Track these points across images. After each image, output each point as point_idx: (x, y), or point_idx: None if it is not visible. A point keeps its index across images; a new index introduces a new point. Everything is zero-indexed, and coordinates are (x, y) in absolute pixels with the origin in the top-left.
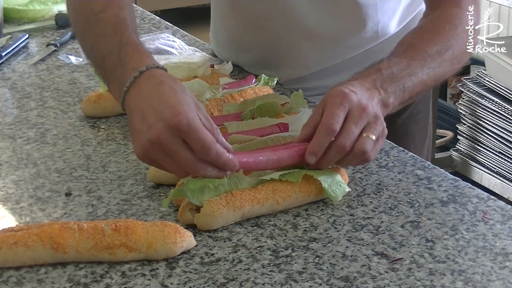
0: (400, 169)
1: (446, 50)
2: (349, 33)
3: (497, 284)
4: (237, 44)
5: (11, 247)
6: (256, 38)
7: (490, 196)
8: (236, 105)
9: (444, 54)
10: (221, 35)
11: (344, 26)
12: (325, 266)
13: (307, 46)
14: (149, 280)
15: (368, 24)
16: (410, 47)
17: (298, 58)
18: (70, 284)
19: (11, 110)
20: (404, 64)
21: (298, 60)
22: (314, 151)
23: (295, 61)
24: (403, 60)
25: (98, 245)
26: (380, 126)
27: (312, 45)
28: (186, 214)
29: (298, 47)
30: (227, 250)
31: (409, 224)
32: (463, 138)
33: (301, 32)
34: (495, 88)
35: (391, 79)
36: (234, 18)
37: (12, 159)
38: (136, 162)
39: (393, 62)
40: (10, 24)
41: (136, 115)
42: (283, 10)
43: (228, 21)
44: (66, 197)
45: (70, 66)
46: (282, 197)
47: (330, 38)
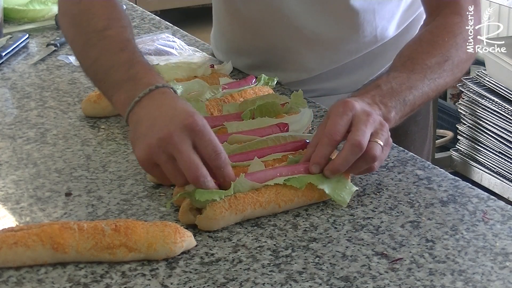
0: (400, 169)
1: (446, 60)
2: (347, 38)
3: (497, 284)
4: (235, 49)
5: (11, 247)
6: (254, 44)
7: (490, 196)
8: (236, 105)
9: (443, 65)
10: (220, 40)
11: (342, 31)
12: (325, 266)
13: (306, 51)
14: (149, 280)
15: (366, 29)
16: (409, 61)
17: (297, 63)
18: (70, 284)
19: (11, 110)
20: (404, 78)
21: (297, 65)
22: (317, 162)
23: (294, 66)
24: (402, 74)
25: (98, 245)
26: (386, 133)
27: (311, 50)
28: (186, 214)
29: (297, 52)
30: (227, 250)
31: (409, 224)
32: (463, 138)
33: (299, 37)
34: (495, 88)
35: (391, 93)
36: (232, 24)
37: (12, 159)
38: (136, 162)
39: (392, 77)
40: (10, 24)
41: (146, 121)
42: (280, 16)
43: (226, 28)
44: (66, 197)
45: (70, 66)
46: (284, 200)
47: (328, 43)
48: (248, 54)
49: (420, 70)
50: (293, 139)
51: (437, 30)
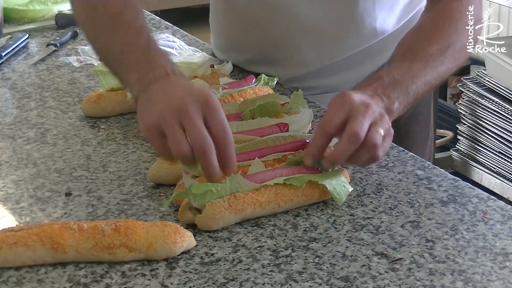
0: (400, 169)
1: (448, 47)
2: (346, 29)
3: (497, 284)
4: (235, 45)
5: (11, 247)
6: (253, 38)
7: (490, 196)
8: (236, 105)
9: (445, 52)
10: (219, 37)
11: (341, 22)
12: (325, 266)
13: (304, 44)
14: (149, 280)
15: (366, 19)
16: (409, 50)
17: (295, 57)
18: (70, 284)
19: (11, 110)
20: (405, 68)
21: (296, 59)
22: (309, 152)
23: (292, 60)
24: (403, 64)
25: (98, 245)
26: (387, 123)
27: (310, 43)
28: (186, 214)
29: (295, 45)
30: (227, 250)
31: (409, 224)
32: (463, 138)
33: (298, 29)
34: (495, 88)
35: (393, 84)
36: (231, 19)
37: (12, 159)
38: (136, 162)
39: (394, 67)
40: (10, 24)
41: (161, 94)
42: (279, 9)
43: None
44: (66, 197)
45: (70, 66)
46: (284, 200)
47: (327, 35)
48: (247, 49)
49: (421, 59)
50: (293, 139)
51: (437, 16)
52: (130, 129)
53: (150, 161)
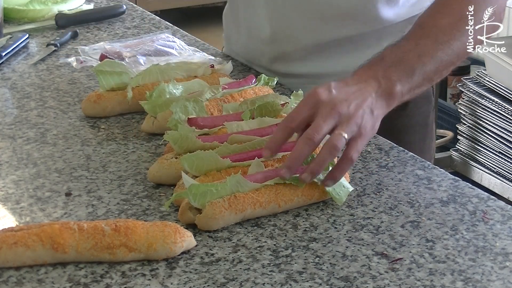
0: (400, 169)
1: (459, 19)
2: (345, 10)
3: (497, 284)
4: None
5: (11, 247)
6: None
7: (490, 196)
8: (236, 105)
9: (457, 24)
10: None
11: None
12: (325, 266)
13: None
14: (149, 280)
15: (367, 4)
16: (418, 26)
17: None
18: (70, 284)
19: (11, 110)
20: (411, 45)
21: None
22: (267, 145)
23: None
24: (410, 42)
25: (98, 245)
26: (354, 126)
27: (305, 21)
28: (186, 214)
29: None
30: (227, 250)
31: (409, 224)
32: (463, 138)
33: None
34: (495, 88)
35: (396, 64)
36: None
37: (12, 159)
38: (136, 162)
39: (398, 46)
40: (10, 24)
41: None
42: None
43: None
44: (66, 197)
45: (70, 66)
46: (284, 200)
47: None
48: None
49: (429, 34)
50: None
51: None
52: (130, 129)
53: (150, 161)
